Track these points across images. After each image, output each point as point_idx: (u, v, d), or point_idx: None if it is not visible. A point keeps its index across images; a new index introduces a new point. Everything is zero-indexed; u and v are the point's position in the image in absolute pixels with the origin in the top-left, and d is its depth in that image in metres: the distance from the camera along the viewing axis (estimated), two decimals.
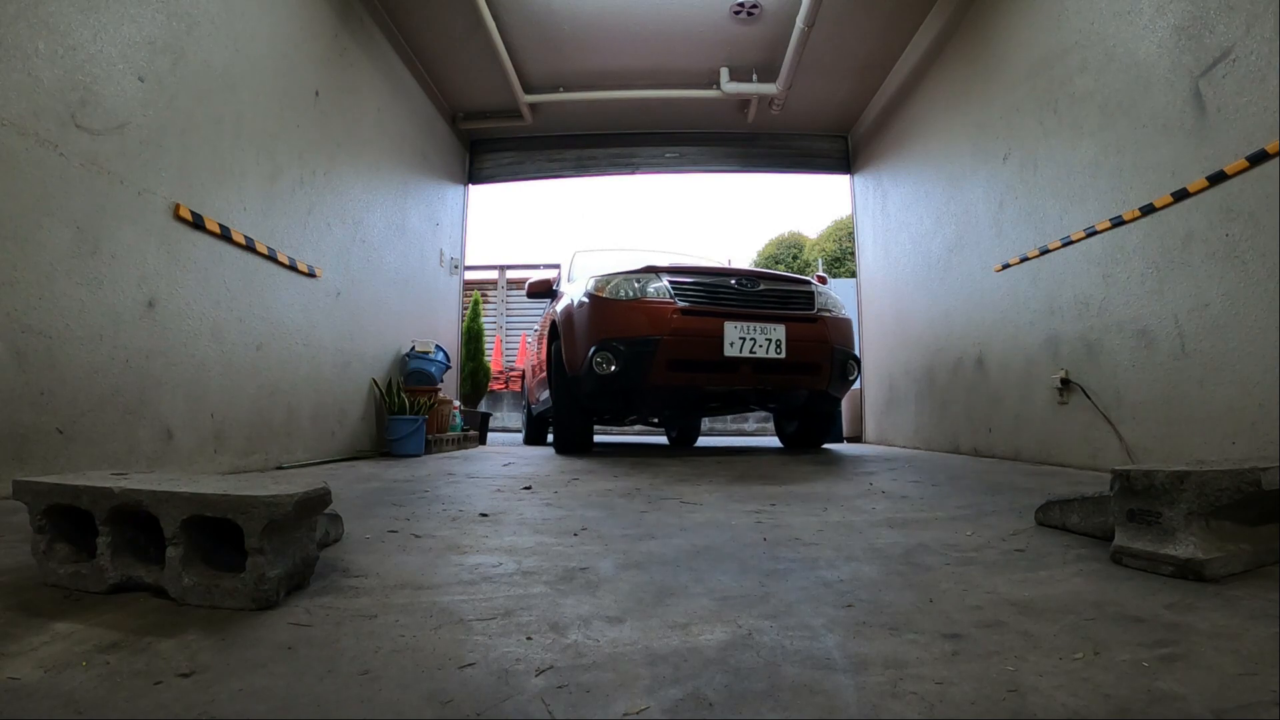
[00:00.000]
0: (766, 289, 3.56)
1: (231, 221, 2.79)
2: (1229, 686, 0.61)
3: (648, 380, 3.28)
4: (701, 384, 3.38)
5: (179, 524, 0.87)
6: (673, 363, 3.27)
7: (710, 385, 3.42)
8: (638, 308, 3.36)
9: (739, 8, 4.48)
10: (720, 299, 3.42)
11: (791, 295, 3.65)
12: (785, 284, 3.69)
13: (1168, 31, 2.43)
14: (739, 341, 3.29)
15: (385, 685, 0.64)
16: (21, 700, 0.60)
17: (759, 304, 3.49)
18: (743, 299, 3.47)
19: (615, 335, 3.32)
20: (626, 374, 3.29)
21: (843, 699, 0.61)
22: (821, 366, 3.54)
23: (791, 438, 4.55)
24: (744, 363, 3.33)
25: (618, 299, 3.42)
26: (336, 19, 3.75)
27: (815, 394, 3.68)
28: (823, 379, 3.57)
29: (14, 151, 1.86)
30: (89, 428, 2.08)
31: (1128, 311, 2.66)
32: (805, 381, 3.54)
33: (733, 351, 3.28)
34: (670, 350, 3.24)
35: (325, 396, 3.60)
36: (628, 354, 3.27)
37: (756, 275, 3.62)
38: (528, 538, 1.38)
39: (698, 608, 0.89)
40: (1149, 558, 1.02)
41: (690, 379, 3.34)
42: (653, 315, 3.31)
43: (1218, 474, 0.99)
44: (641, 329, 3.28)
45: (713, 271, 3.64)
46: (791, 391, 3.62)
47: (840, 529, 1.46)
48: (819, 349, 3.53)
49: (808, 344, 3.47)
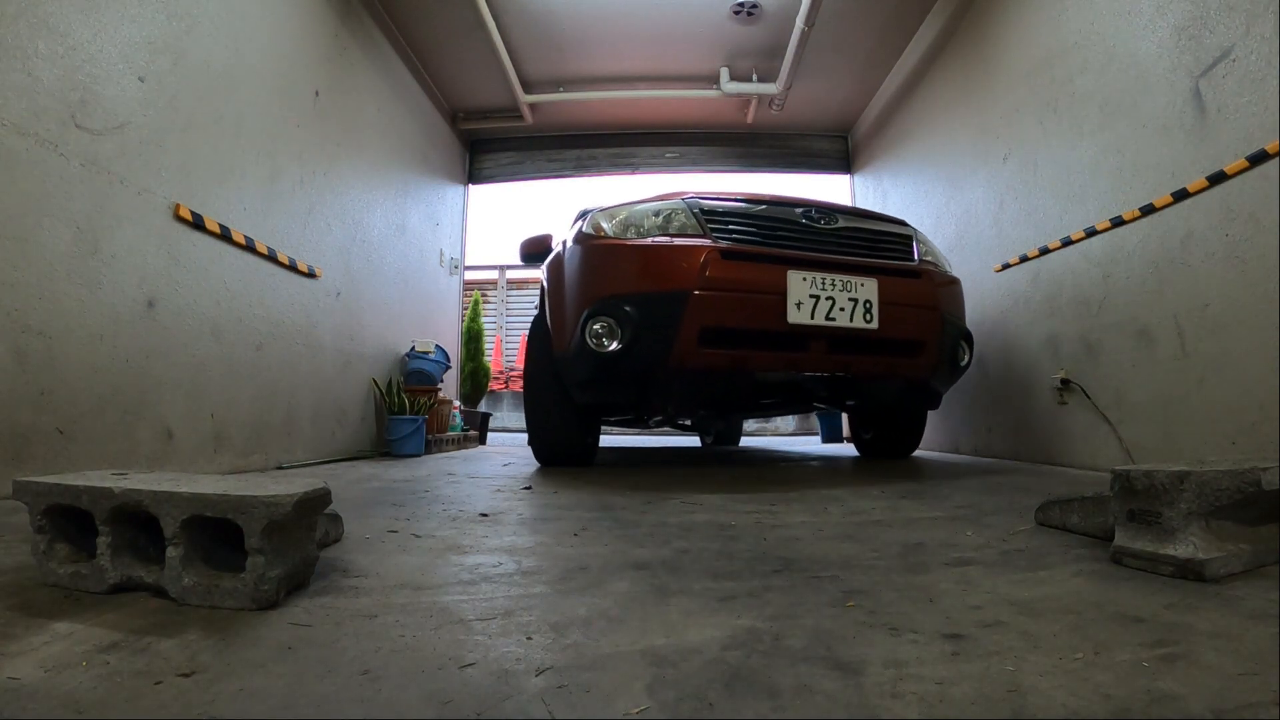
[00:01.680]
0: (847, 227, 2.57)
1: (231, 221, 2.79)
2: (1229, 686, 0.61)
3: (670, 361, 2.28)
4: (754, 367, 2.36)
5: (179, 524, 0.87)
6: (708, 333, 2.26)
7: (766, 370, 2.40)
8: (655, 251, 2.36)
9: (739, 8, 4.48)
10: (781, 237, 2.43)
11: (883, 238, 2.66)
12: (873, 222, 2.71)
13: (1168, 31, 2.43)
14: (809, 302, 2.29)
15: (385, 685, 0.64)
16: (21, 700, 0.60)
17: (838, 247, 2.50)
18: (814, 239, 2.48)
19: (621, 291, 2.34)
20: (637, 352, 2.29)
21: (842, 699, 0.61)
22: (926, 344, 2.54)
23: (872, 444, 3.65)
24: (817, 335, 2.34)
25: (624, 240, 2.45)
26: (336, 19, 3.75)
27: (913, 386, 2.67)
28: (927, 363, 2.57)
29: (14, 151, 1.86)
30: (89, 428, 2.08)
31: (1128, 311, 2.66)
32: (903, 367, 2.54)
33: (800, 317, 2.28)
34: (704, 313, 2.23)
35: (325, 396, 3.60)
36: (639, 320, 2.27)
37: (831, 208, 2.61)
38: (528, 538, 1.38)
39: (698, 607, 0.89)
40: (1149, 558, 1.02)
41: (735, 359, 2.32)
42: (677, 260, 2.30)
43: (1218, 474, 0.99)
44: (660, 281, 2.29)
45: (768, 200, 2.59)
46: (883, 382, 2.61)
47: (840, 529, 1.46)
48: (925, 318, 2.54)
49: (909, 310, 2.50)
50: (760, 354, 2.35)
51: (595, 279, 2.45)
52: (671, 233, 2.42)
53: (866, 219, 2.71)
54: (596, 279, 2.45)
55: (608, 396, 2.62)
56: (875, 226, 2.68)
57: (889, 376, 2.58)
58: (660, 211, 2.49)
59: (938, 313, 2.58)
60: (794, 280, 2.30)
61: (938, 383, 2.73)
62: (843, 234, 2.55)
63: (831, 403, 2.98)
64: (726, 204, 2.50)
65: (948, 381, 2.80)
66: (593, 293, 2.41)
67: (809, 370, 2.44)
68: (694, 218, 2.43)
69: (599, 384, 2.51)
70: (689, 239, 2.37)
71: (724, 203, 2.50)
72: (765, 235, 2.45)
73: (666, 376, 2.37)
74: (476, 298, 6.41)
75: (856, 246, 2.56)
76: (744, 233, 2.43)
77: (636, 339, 2.29)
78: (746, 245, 2.38)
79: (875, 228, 2.68)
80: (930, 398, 2.84)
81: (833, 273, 2.36)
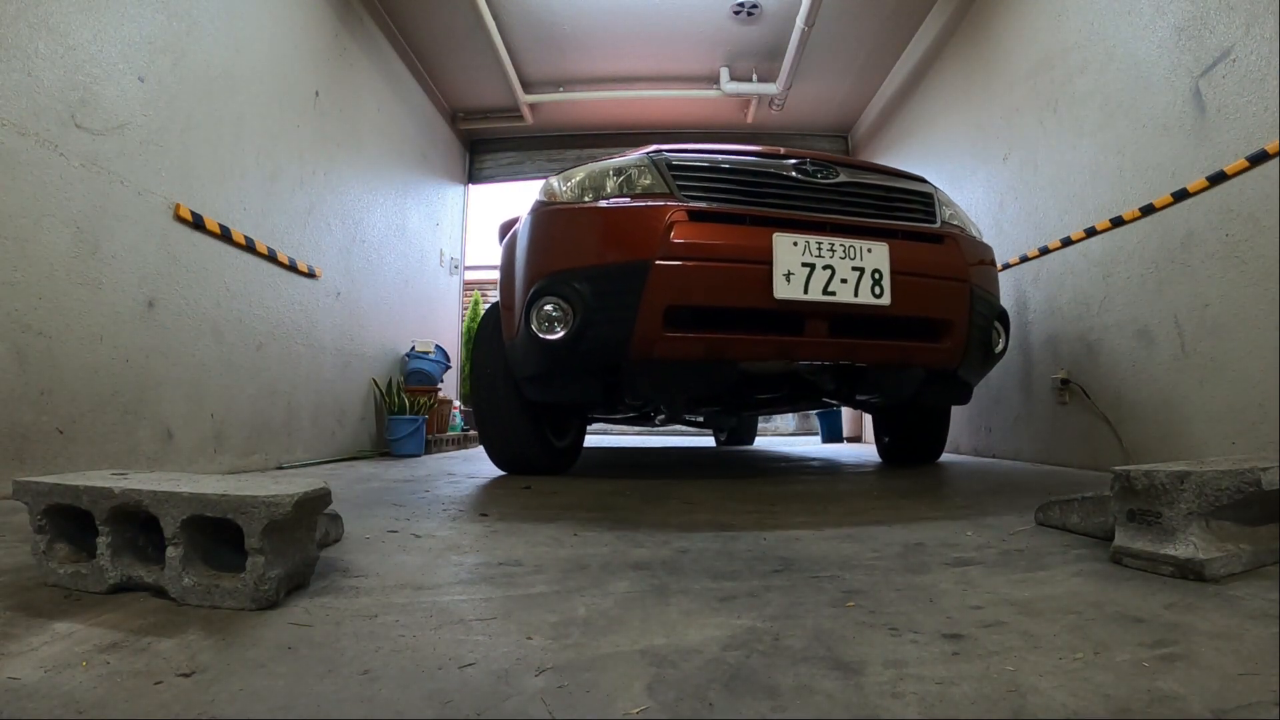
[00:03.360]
0: (852, 182, 2.16)
1: (231, 221, 2.79)
2: (1229, 686, 0.61)
3: (631, 350, 1.93)
4: (735, 355, 1.98)
5: (179, 524, 0.87)
6: (676, 313, 1.92)
7: (751, 359, 2.04)
8: (607, 215, 2.03)
9: (739, 8, 4.48)
10: (767, 195, 2.06)
11: (897, 195, 2.23)
12: (883, 176, 2.27)
13: (1168, 31, 2.43)
14: (802, 272, 1.92)
15: (385, 685, 0.64)
16: (21, 700, 0.60)
17: (839, 205, 2.11)
18: (809, 196, 2.09)
19: (572, 265, 2.00)
20: (590, 339, 1.96)
21: (842, 699, 0.61)
22: (952, 325, 2.13)
23: (892, 449, 3.25)
24: (813, 314, 1.97)
25: (580, 204, 2.10)
26: (336, 19, 3.75)
27: (936, 377, 2.28)
28: (952, 348, 2.15)
29: (14, 151, 1.86)
30: (89, 428, 2.08)
31: (1128, 311, 2.66)
32: (923, 353, 2.14)
33: (791, 290, 1.91)
34: (669, 288, 1.89)
35: (325, 396, 3.60)
36: (592, 299, 1.94)
37: (830, 160, 2.20)
38: (527, 537, 1.37)
39: (698, 607, 0.89)
40: (1149, 558, 1.02)
41: (711, 346, 1.95)
42: (633, 224, 1.97)
43: (1218, 474, 0.99)
44: (613, 251, 1.96)
45: (752, 152, 2.21)
46: (899, 372, 2.24)
47: (840, 528, 1.46)
48: (951, 293, 2.13)
49: (930, 282, 2.09)
50: (743, 339, 1.97)
51: (543, 252, 2.11)
52: (635, 193, 2.05)
53: (875, 173, 2.28)
54: (544, 252, 2.10)
55: (564, 394, 2.24)
56: (886, 182, 2.24)
57: (906, 365, 2.16)
58: (622, 169, 2.12)
59: (966, 286, 2.14)
60: (782, 245, 1.92)
61: (966, 373, 2.27)
62: (845, 190, 2.14)
63: (840, 398, 2.60)
64: (700, 157, 2.11)
65: (979, 371, 2.35)
66: (540, 268, 2.07)
67: (805, 358, 2.05)
68: (659, 174, 2.06)
69: (551, 379, 2.16)
70: (653, 200, 2.01)
71: (697, 156, 2.12)
72: (747, 192, 2.05)
73: (629, 369, 2.02)
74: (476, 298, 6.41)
75: (863, 205, 2.14)
76: (720, 190, 2.05)
77: (588, 323, 1.95)
78: (723, 204, 2.01)
79: (886, 183, 2.24)
80: (957, 391, 2.40)
81: (832, 236, 1.98)
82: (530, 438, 2.53)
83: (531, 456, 2.58)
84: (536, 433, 2.54)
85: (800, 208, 2.07)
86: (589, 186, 2.15)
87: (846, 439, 5.99)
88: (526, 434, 2.52)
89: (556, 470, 2.68)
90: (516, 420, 2.49)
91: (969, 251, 2.23)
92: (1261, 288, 2.06)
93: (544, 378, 2.18)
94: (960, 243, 2.22)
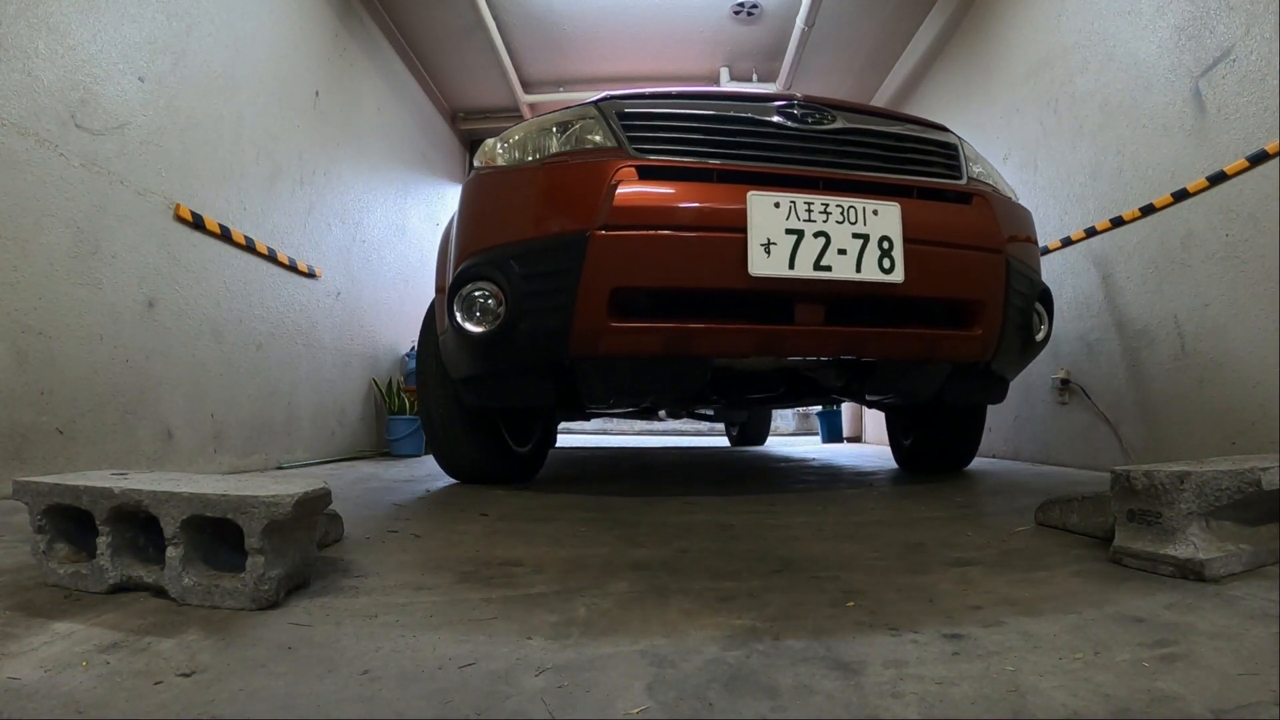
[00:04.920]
0: (852, 128, 1.78)
1: (231, 221, 2.79)
2: (1229, 686, 0.61)
3: (572, 345, 1.62)
4: (702, 349, 1.64)
5: (179, 524, 0.87)
6: (625, 297, 1.60)
7: (725, 354, 1.68)
8: (542, 176, 1.71)
9: (739, 8, 4.48)
10: (742, 145, 1.69)
11: (910, 145, 1.84)
12: (893, 123, 1.86)
13: (1168, 31, 2.43)
14: (786, 242, 1.55)
15: (385, 685, 0.64)
16: (21, 700, 0.60)
17: (836, 156, 1.73)
18: (798, 146, 1.71)
19: (501, 241, 1.69)
20: (522, 331, 1.64)
21: (842, 699, 0.61)
22: (985, 307, 1.76)
23: (913, 454, 2.70)
24: (804, 295, 1.63)
25: (517, 167, 1.79)
26: (336, 19, 3.75)
27: (965, 372, 1.93)
28: (985, 336, 1.78)
29: (14, 151, 1.86)
30: (89, 428, 2.08)
31: (1128, 311, 2.66)
32: (948, 343, 1.77)
33: (771, 265, 1.55)
34: (614, 266, 1.57)
35: (325, 396, 3.60)
36: (523, 283, 1.62)
37: (825, 102, 1.81)
38: (527, 537, 1.37)
39: (698, 607, 0.89)
40: (1149, 558, 1.02)
41: (670, 339, 1.61)
42: (568, 185, 1.66)
43: (1218, 474, 0.99)
44: (545, 220, 1.66)
45: (726, 95, 1.82)
46: (919, 368, 1.89)
47: (840, 528, 1.46)
48: (983, 267, 1.75)
49: (955, 252, 1.71)
50: (712, 329, 1.60)
51: (472, 226, 1.80)
52: (580, 150, 1.71)
53: (882, 118, 1.86)
54: (473, 226, 1.79)
55: (507, 398, 1.90)
56: (896, 129, 1.83)
57: (929, 357, 1.79)
58: (566, 123, 1.77)
59: (1000, 258, 1.75)
60: (759, 206, 1.54)
61: (1002, 366, 1.91)
62: (844, 138, 1.75)
63: (850, 395, 2.22)
64: (661, 102, 1.75)
65: (1016, 364, 1.98)
66: (468, 245, 1.75)
67: (796, 353, 1.68)
68: (607, 125, 1.71)
69: (488, 381, 1.84)
70: (597, 154, 1.67)
71: (657, 101, 1.76)
72: (718, 143, 1.68)
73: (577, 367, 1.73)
74: None
75: (867, 157, 1.75)
76: (684, 141, 1.68)
77: (520, 313, 1.62)
78: (682, 157, 1.65)
79: (896, 130, 1.83)
80: (991, 388, 2.02)
81: (826, 194, 1.60)
82: (483, 443, 2.18)
83: (485, 464, 2.23)
84: (490, 437, 2.19)
85: (785, 160, 1.68)
86: (529, 146, 1.80)
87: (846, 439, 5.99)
88: (478, 439, 2.17)
89: (517, 479, 2.33)
90: (464, 423, 2.13)
91: (1004, 215, 1.81)
92: (1261, 288, 2.06)
93: (481, 380, 1.85)
94: (993, 204, 1.80)
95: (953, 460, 2.65)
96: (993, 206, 1.82)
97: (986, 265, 1.76)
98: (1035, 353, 2.05)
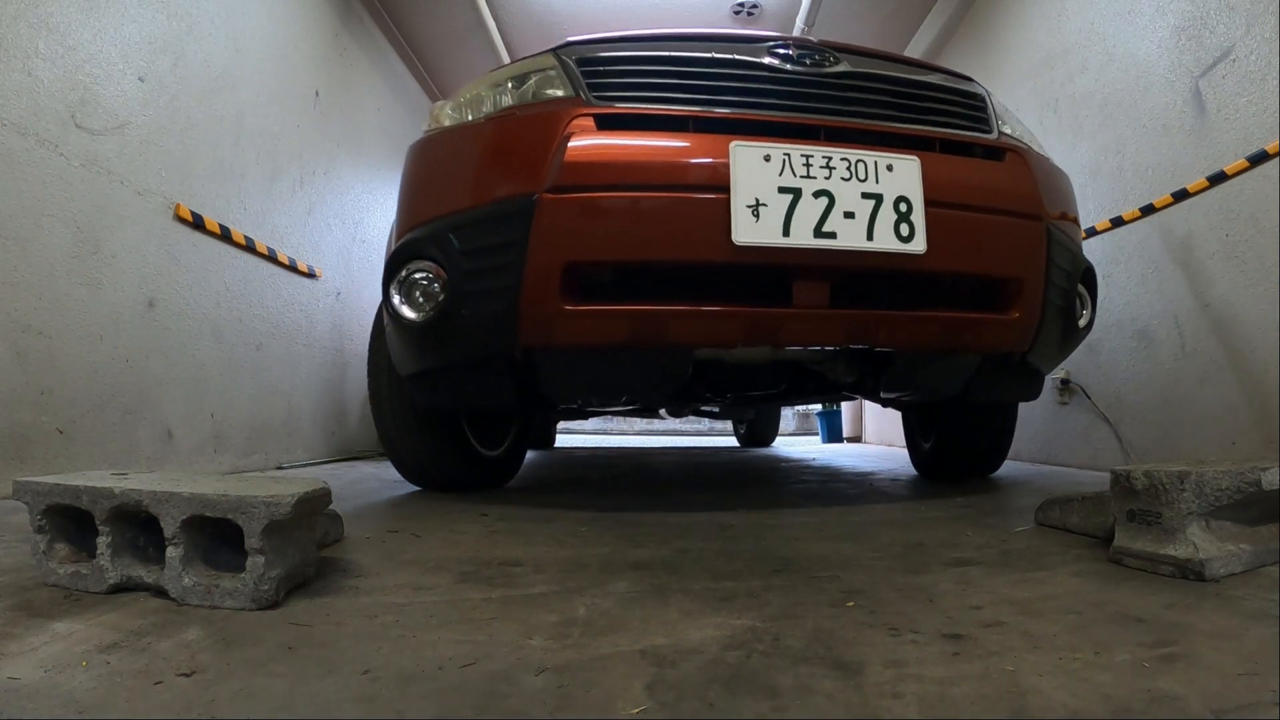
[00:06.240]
0: (859, 72, 1.53)
1: (231, 221, 2.79)
2: (1229, 686, 0.61)
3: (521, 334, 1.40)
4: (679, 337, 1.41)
5: (179, 524, 0.87)
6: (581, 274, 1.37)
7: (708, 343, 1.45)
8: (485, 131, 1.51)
9: (739, 8, 4.48)
10: (726, 90, 1.45)
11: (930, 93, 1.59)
12: (909, 69, 1.64)
13: (1168, 31, 2.43)
14: (779, 202, 1.32)
15: (385, 685, 0.64)
16: (21, 700, 0.60)
17: (841, 103, 1.49)
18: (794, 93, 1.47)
19: (442, 211, 1.47)
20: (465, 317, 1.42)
21: (842, 699, 0.61)
22: (1023, 285, 1.51)
23: (935, 458, 2.41)
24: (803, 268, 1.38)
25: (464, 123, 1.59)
26: (336, 19, 3.75)
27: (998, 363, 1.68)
28: (1024, 321, 1.54)
29: (14, 151, 1.86)
30: (89, 428, 2.08)
31: (1128, 311, 2.66)
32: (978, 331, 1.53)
33: (760, 232, 1.31)
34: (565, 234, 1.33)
35: (325, 396, 3.60)
36: (464, 260, 1.40)
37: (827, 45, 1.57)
38: (527, 537, 1.37)
39: (698, 607, 0.89)
40: (1149, 558, 1.02)
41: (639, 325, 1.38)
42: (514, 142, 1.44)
43: (1218, 474, 0.99)
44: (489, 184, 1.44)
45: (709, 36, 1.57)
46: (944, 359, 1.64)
47: (840, 528, 1.46)
48: (1019, 236, 1.50)
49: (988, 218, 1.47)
50: (690, 311, 1.36)
51: (412, 197, 1.60)
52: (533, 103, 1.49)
53: (896, 63, 1.62)
54: (414, 197, 1.59)
55: (459, 397, 1.68)
56: (912, 75, 1.59)
57: (953, 349, 1.56)
58: (521, 74, 1.55)
59: (1040, 226, 1.50)
60: (745, 160, 1.30)
61: (1040, 357, 1.66)
62: (849, 83, 1.50)
63: (861, 392, 1.98)
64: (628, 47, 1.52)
65: (1056, 355, 1.76)
66: (406, 220, 1.57)
67: (794, 341, 1.47)
68: (564, 74, 1.47)
69: (437, 378, 1.62)
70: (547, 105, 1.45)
71: (624, 45, 1.53)
72: (694, 88, 1.43)
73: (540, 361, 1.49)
74: None
75: (877, 105, 1.50)
76: (652, 87, 1.43)
77: (461, 295, 1.40)
78: (648, 104, 1.40)
79: (912, 76, 1.59)
80: (1026, 383, 1.79)
81: (828, 145, 1.36)
82: (443, 446, 1.95)
83: (447, 470, 2.00)
84: (452, 440, 1.96)
85: (778, 107, 1.44)
86: (479, 101, 1.59)
87: (847, 439, 5.99)
88: (438, 442, 1.94)
89: (487, 486, 2.11)
90: (421, 424, 1.90)
91: (1043, 176, 1.57)
92: (1261, 288, 2.06)
93: (429, 376, 1.63)
94: (1030, 162, 1.56)
95: (981, 465, 2.35)
96: (1030, 165, 1.57)
97: (1025, 234, 1.50)
98: (1077, 342, 1.82)
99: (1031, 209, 1.52)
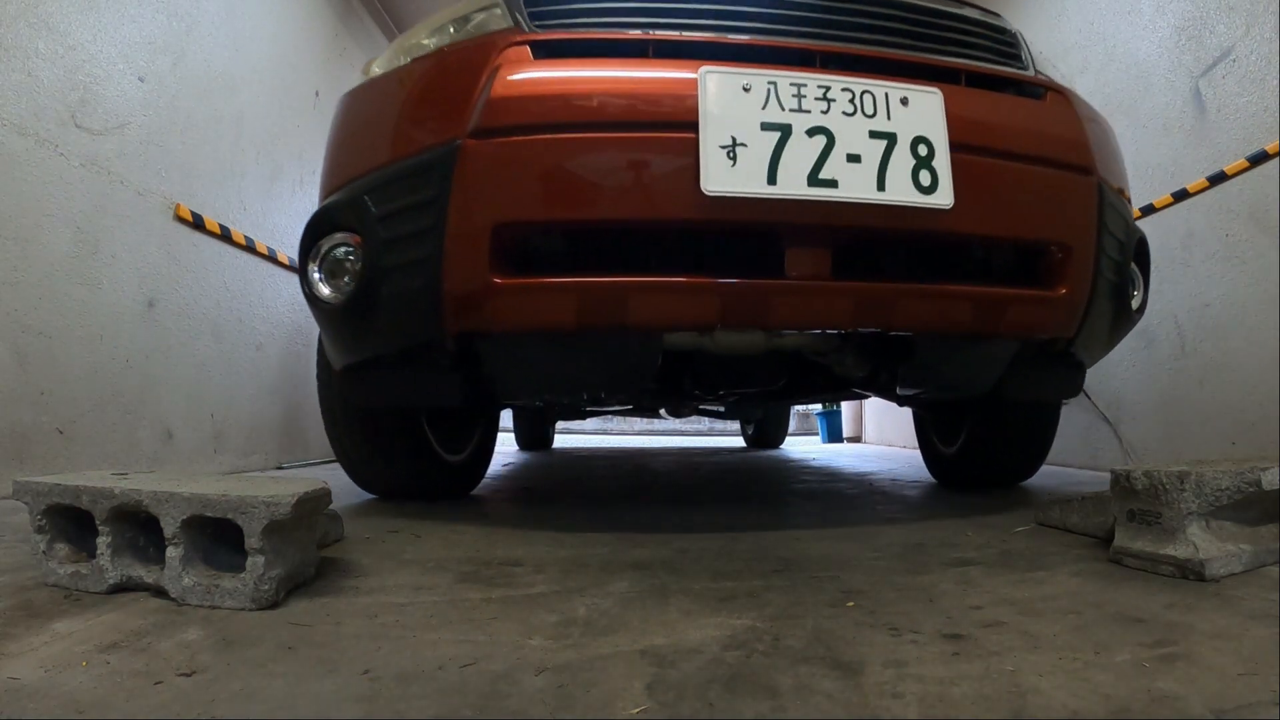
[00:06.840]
0: None
1: (231, 221, 2.79)
2: (1229, 686, 0.61)
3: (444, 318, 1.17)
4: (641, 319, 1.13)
5: (179, 524, 0.87)
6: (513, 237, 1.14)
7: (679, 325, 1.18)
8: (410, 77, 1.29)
9: None
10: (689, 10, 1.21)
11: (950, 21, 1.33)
12: None
13: (1168, 31, 2.43)
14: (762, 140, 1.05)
15: (385, 685, 0.64)
16: (21, 700, 0.60)
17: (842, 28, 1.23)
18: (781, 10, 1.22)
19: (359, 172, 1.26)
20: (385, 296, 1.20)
21: (842, 699, 0.61)
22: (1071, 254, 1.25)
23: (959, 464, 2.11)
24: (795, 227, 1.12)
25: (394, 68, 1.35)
26: (336, 19, 3.75)
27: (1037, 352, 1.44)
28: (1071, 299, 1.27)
29: (14, 151, 1.86)
30: (89, 428, 2.08)
31: None
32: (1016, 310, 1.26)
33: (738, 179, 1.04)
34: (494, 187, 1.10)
35: None
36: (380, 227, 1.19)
37: None
38: (527, 537, 1.37)
39: (698, 607, 0.89)
40: (1149, 558, 1.02)
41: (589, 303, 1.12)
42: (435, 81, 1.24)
43: (1218, 474, 0.99)
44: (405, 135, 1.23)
45: None
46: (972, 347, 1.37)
47: (840, 528, 1.46)
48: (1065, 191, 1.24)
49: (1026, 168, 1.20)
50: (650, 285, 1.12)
51: (330, 159, 1.39)
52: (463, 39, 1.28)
53: None
54: (332, 159, 1.38)
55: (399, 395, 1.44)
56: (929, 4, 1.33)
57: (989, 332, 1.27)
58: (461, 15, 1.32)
59: (1092, 182, 1.26)
60: (719, 89, 1.07)
61: (1085, 345, 1.40)
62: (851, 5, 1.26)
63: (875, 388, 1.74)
64: None
65: (1104, 343, 1.49)
66: (325, 184, 1.38)
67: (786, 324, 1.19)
68: (507, 6, 1.24)
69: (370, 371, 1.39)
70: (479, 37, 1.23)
71: None
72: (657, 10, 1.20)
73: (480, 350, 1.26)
74: None
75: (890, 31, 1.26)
76: (605, 11, 1.21)
77: (378, 270, 1.18)
78: (602, 31, 1.19)
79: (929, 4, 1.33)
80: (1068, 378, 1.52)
81: (825, 73, 1.12)
82: (397, 450, 1.72)
83: (402, 477, 1.78)
84: (409, 442, 1.71)
85: (762, 32, 1.20)
86: (414, 46, 1.35)
87: (847, 439, 5.99)
88: (390, 444, 1.70)
89: (446, 494, 1.87)
90: (369, 424, 1.65)
91: (1090, 123, 1.31)
92: (1261, 288, 2.06)
93: (362, 370, 1.38)
94: (1074, 104, 1.31)
95: (1015, 472, 2.05)
96: (1074, 107, 1.30)
97: (1073, 190, 1.24)
98: (1128, 329, 1.52)
99: (1081, 159, 1.25)
